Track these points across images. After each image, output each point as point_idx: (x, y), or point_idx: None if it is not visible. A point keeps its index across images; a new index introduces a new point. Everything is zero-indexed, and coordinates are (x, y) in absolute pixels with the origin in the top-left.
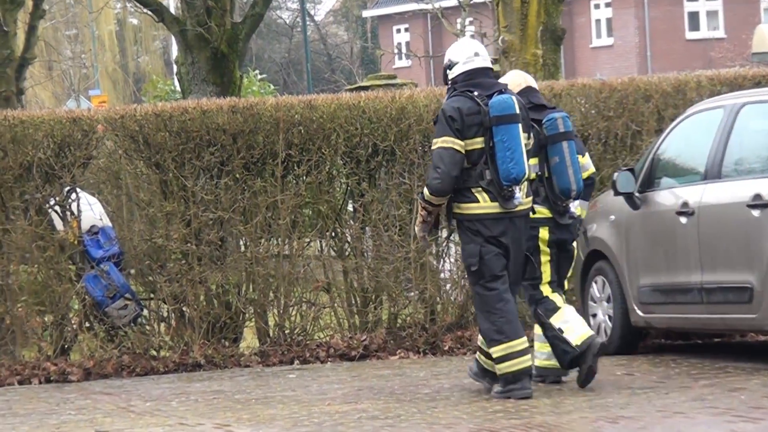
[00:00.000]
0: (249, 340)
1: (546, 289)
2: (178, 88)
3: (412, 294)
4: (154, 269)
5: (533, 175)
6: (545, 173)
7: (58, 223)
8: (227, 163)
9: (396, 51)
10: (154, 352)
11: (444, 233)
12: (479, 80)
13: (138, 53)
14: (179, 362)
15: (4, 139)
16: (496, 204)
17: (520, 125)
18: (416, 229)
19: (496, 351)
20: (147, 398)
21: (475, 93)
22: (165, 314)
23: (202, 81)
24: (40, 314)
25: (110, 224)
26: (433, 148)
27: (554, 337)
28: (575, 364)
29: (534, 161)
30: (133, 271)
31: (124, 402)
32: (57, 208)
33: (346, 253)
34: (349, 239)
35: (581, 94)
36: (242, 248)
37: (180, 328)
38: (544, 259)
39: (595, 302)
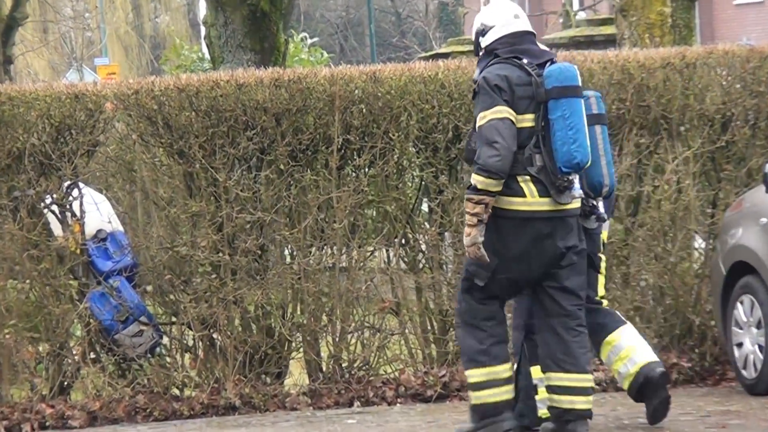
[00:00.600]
0: (296, 376)
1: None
2: (207, 56)
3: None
4: (176, 285)
5: None
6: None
7: (56, 227)
8: (269, 152)
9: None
10: (177, 391)
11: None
12: (525, 46)
13: (156, 11)
14: (208, 404)
15: None
16: (547, 200)
17: (582, 101)
18: (467, 239)
19: (474, 375)
20: None
21: (524, 60)
22: (190, 343)
23: (238, 46)
24: (32, 342)
25: (121, 228)
26: (480, 123)
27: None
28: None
29: None
30: (150, 288)
31: None
32: (54, 207)
33: (420, 266)
34: (423, 248)
35: (722, 63)
36: (287, 259)
37: (209, 360)
38: None
39: (741, 328)
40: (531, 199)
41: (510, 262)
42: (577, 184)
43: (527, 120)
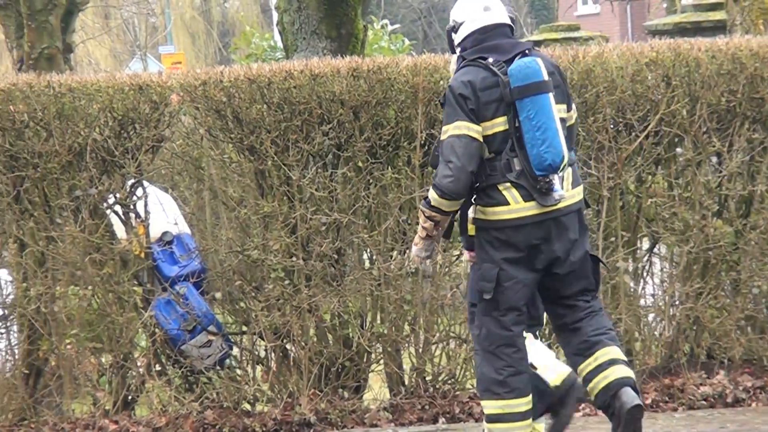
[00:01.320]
0: (376, 390)
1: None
2: (280, 44)
3: None
4: (247, 292)
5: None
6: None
7: (119, 229)
8: (346, 148)
9: None
10: (248, 406)
11: (645, 245)
12: (494, 42)
13: None
14: (281, 420)
15: (47, 113)
16: (533, 203)
17: (550, 95)
18: (414, 249)
19: (490, 406)
20: None
21: (490, 60)
22: (262, 354)
23: (312, 33)
24: (95, 353)
25: (188, 231)
26: (442, 137)
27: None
28: (552, 410)
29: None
30: (218, 295)
31: None
32: (117, 208)
33: None
34: None
35: None
36: (366, 264)
37: (282, 372)
38: None
39: None
40: (515, 206)
41: (509, 266)
42: (557, 184)
43: (498, 124)
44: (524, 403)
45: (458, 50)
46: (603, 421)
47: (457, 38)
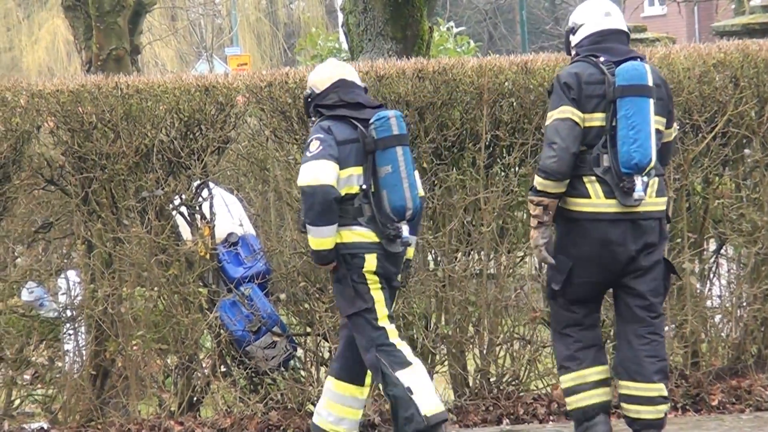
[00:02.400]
0: (440, 392)
1: (392, 331)
2: (345, 45)
3: (667, 329)
4: (311, 294)
5: (356, 189)
6: (372, 187)
7: (185, 231)
8: (411, 149)
9: None
10: (312, 407)
11: (712, 246)
12: (609, 45)
13: None
14: None
15: (114, 114)
16: (614, 202)
17: (651, 101)
18: (531, 241)
19: (565, 381)
20: None
21: (601, 59)
22: (326, 355)
23: (378, 35)
24: (161, 355)
25: (253, 232)
26: (546, 123)
27: (398, 397)
28: None
29: (358, 171)
30: (283, 296)
31: None
32: (183, 209)
33: None
34: None
35: None
36: (431, 265)
37: None
38: (374, 287)
39: None
40: (596, 200)
41: (583, 264)
42: (639, 186)
43: (596, 119)
44: (595, 373)
45: (573, 51)
46: None
47: (575, 39)
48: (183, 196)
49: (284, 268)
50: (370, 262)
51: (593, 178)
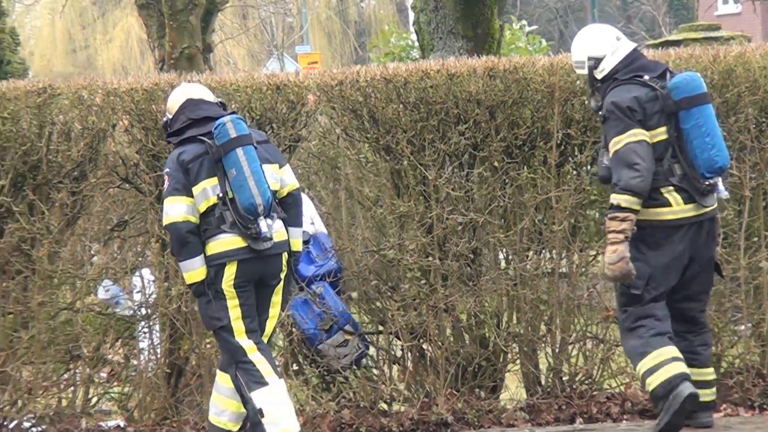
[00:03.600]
0: (513, 390)
1: (250, 347)
2: (416, 43)
3: (743, 327)
4: (383, 292)
5: (214, 200)
6: (228, 193)
7: None
8: (482, 147)
9: None
10: (385, 406)
11: None
12: (642, 62)
13: None
14: (418, 419)
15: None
16: (692, 206)
17: (711, 105)
18: (614, 255)
19: (645, 365)
20: None
21: (646, 77)
22: (399, 354)
23: (449, 33)
24: None
25: (324, 230)
26: (617, 148)
27: (250, 417)
28: None
29: (212, 182)
30: (354, 295)
31: None
32: None
33: None
34: None
35: None
36: (502, 264)
37: (419, 372)
38: (231, 303)
39: None
40: (677, 207)
41: (662, 268)
42: (721, 186)
43: (660, 133)
44: (671, 351)
45: (600, 83)
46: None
47: (602, 72)
48: None
49: (356, 266)
50: (229, 274)
51: (671, 187)
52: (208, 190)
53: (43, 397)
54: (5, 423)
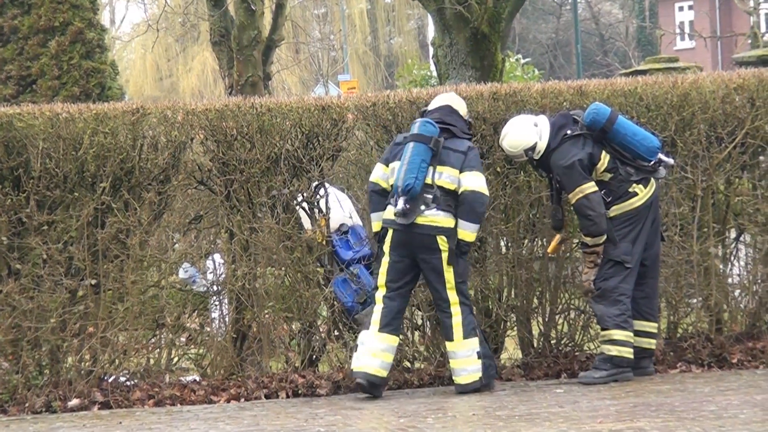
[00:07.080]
0: (511, 351)
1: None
2: (435, 73)
3: (695, 301)
4: None
5: None
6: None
7: (306, 222)
8: (487, 156)
9: (678, 31)
10: (408, 364)
11: (732, 234)
12: (558, 125)
13: (390, 34)
14: (435, 375)
15: (251, 128)
16: (651, 188)
17: (626, 117)
18: (584, 277)
19: (618, 335)
20: (400, 414)
21: (568, 132)
22: (419, 322)
23: (461, 64)
24: (287, 321)
25: (360, 223)
26: (579, 197)
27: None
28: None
29: None
30: None
31: (376, 418)
32: (305, 204)
33: None
34: None
35: None
36: (503, 249)
37: (436, 337)
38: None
39: None
40: (642, 194)
41: (642, 240)
42: (664, 157)
43: (605, 157)
44: (632, 335)
45: (542, 154)
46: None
47: (539, 153)
48: (304, 194)
49: None
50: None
51: (634, 183)
52: None
53: (135, 357)
54: (105, 377)
